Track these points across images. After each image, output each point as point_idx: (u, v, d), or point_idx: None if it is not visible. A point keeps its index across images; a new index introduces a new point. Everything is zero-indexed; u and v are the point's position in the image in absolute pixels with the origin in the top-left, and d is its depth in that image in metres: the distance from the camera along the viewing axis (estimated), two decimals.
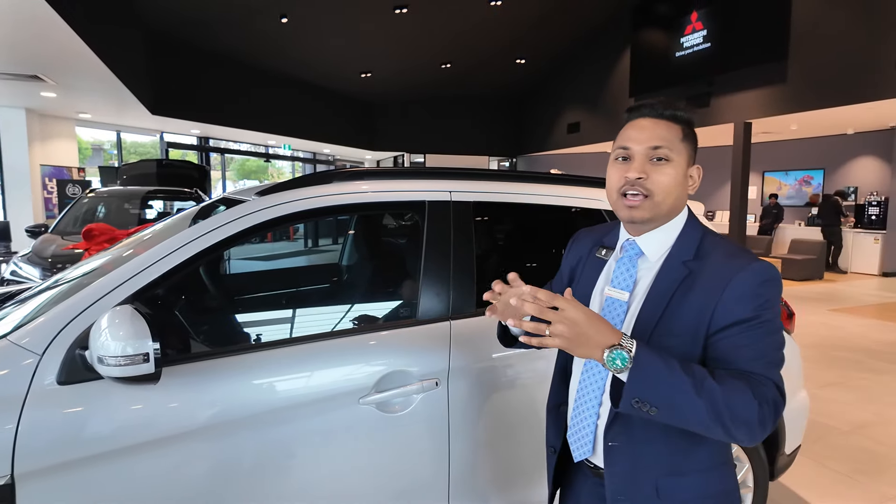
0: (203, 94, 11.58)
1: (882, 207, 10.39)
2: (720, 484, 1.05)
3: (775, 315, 0.97)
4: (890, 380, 4.44)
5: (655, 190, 1.01)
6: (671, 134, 1.03)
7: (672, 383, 0.88)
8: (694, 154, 1.07)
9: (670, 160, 1.02)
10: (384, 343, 1.61)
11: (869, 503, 2.63)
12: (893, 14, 7.28)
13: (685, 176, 1.05)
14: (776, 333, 0.97)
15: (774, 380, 0.94)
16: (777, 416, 0.92)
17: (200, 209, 2.18)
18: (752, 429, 0.90)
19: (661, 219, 1.05)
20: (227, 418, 1.39)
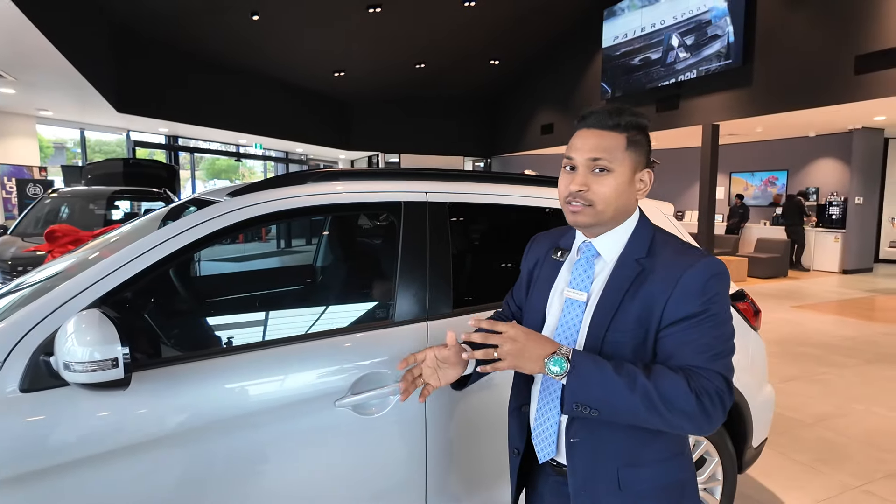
0: (172, 92, 11.32)
1: (842, 207, 10.79)
2: (677, 473, 1.09)
3: (723, 308, 1.02)
4: (849, 374, 4.62)
5: (596, 200, 1.06)
6: (613, 144, 1.05)
7: (606, 385, 0.95)
8: (643, 159, 1.09)
9: (611, 170, 1.05)
10: (360, 345, 1.60)
11: (831, 492, 2.73)
12: (851, 21, 7.56)
13: (629, 183, 1.07)
14: (723, 326, 1.01)
15: (719, 370, 0.98)
16: (723, 405, 0.96)
17: (170, 210, 2.14)
18: (696, 420, 0.95)
19: (607, 223, 1.09)
20: (199, 424, 1.36)
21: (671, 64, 10.16)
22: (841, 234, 10.66)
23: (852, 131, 10.66)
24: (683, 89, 10.09)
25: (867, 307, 7.51)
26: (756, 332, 2.32)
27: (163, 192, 6.97)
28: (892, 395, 4.11)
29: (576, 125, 1.12)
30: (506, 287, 2.01)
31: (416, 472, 1.63)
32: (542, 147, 14.28)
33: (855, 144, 10.63)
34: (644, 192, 1.11)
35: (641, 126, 1.09)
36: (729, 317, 1.03)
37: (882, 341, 5.66)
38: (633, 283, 1.04)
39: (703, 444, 2.10)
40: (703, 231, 9.83)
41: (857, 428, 3.51)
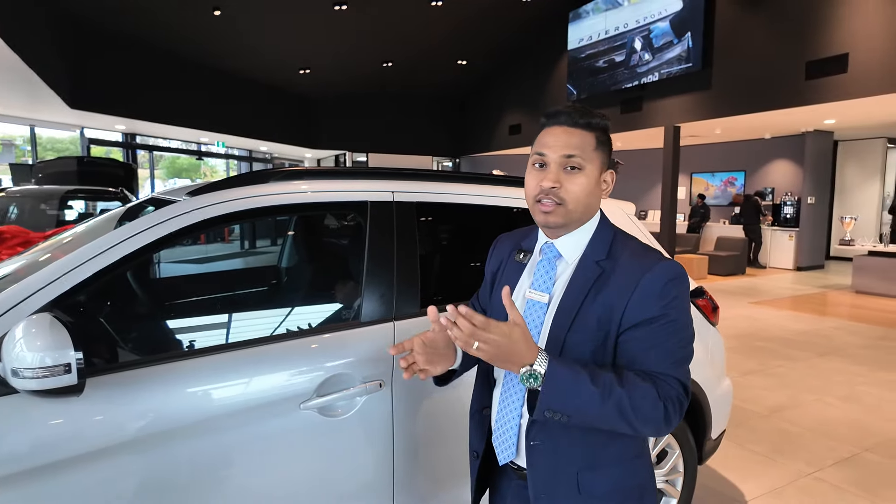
0: (129, 88, 10.94)
1: (795, 207, 11.24)
2: (635, 477, 1.10)
3: (682, 312, 1.02)
4: (802, 366, 4.81)
5: (568, 198, 1.06)
6: (585, 142, 1.06)
7: (582, 395, 0.94)
8: (608, 159, 1.11)
9: (583, 169, 1.06)
10: (326, 346, 1.58)
11: (786, 480, 2.84)
12: (802, 28, 7.89)
13: (597, 183, 1.09)
14: (683, 331, 1.02)
15: (679, 377, 1.00)
16: (681, 411, 0.99)
17: (128, 210, 2.07)
18: (658, 426, 0.98)
19: (574, 223, 1.09)
20: (160, 429, 1.32)
21: (634, 66, 10.39)
22: (795, 232, 11.11)
23: (804, 134, 11.11)
24: (646, 92, 10.34)
25: (819, 302, 7.85)
26: (714, 327, 2.39)
27: (120, 192, 6.74)
28: (841, 386, 4.31)
29: (543, 123, 1.12)
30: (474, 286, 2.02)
31: (383, 472, 1.62)
32: (511, 147, 14.41)
33: (807, 146, 11.09)
34: (607, 193, 1.12)
35: (606, 128, 1.10)
36: (689, 321, 1.04)
37: (832, 335, 5.93)
38: (594, 285, 1.05)
39: (665, 437, 2.16)
40: (666, 230, 10.09)
41: (810, 418, 3.66)
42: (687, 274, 1.06)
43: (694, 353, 1.05)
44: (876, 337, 5.85)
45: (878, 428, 3.51)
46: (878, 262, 8.42)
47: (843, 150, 12.27)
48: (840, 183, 12.31)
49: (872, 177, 11.90)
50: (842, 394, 4.12)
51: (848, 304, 7.71)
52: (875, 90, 7.11)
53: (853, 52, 7.29)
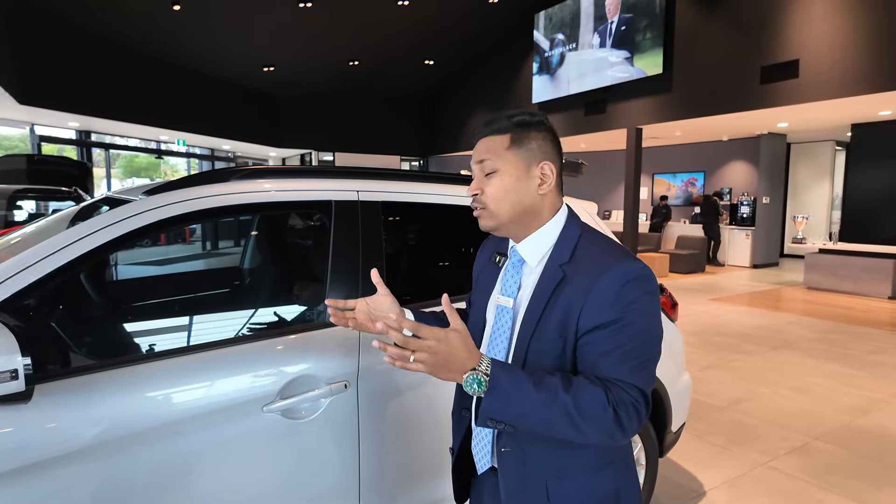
0: (84, 84, 10.52)
1: (751, 207, 11.66)
2: (609, 483, 1.06)
3: (641, 315, 0.98)
4: (758, 360, 5.00)
5: (487, 201, 1.07)
6: (494, 145, 1.08)
7: (525, 402, 0.91)
8: (539, 153, 1.07)
9: (496, 170, 1.07)
10: (290, 347, 1.56)
11: (742, 470, 2.95)
12: (757, 35, 8.19)
13: (518, 180, 1.06)
14: (643, 334, 0.98)
15: (636, 383, 0.96)
16: (638, 417, 0.95)
17: (80, 210, 1.99)
18: (610, 432, 0.94)
19: (512, 223, 1.08)
20: (116, 435, 1.28)
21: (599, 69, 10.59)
22: (751, 231, 11.52)
23: (760, 136, 11.54)
24: (610, 94, 10.55)
25: (774, 298, 8.16)
26: (674, 323, 2.46)
27: (73, 192, 6.48)
28: (794, 378, 4.49)
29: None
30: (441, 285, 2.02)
31: (348, 474, 1.61)
32: None
33: (762, 148, 11.52)
34: (547, 186, 1.08)
35: (524, 123, 1.08)
36: (651, 325, 0.99)
37: (786, 329, 6.17)
38: (555, 290, 1.03)
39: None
40: (629, 229, 10.33)
41: (765, 409, 3.80)
42: (651, 275, 1.00)
43: (658, 357, 1.01)
44: (826, 331, 6.12)
45: (827, 417, 3.68)
46: (828, 260, 8.81)
47: (795, 153, 12.79)
48: (793, 183, 12.83)
49: (822, 178, 12.44)
50: (794, 385, 4.30)
51: (800, 300, 8.05)
52: (824, 95, 7.44)
53: (804, 58, 7.61)
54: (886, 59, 6.79)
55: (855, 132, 9.57)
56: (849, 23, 7.14)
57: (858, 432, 3.44)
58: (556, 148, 1.10)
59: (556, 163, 1.09)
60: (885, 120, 9.05)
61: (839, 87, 7.28)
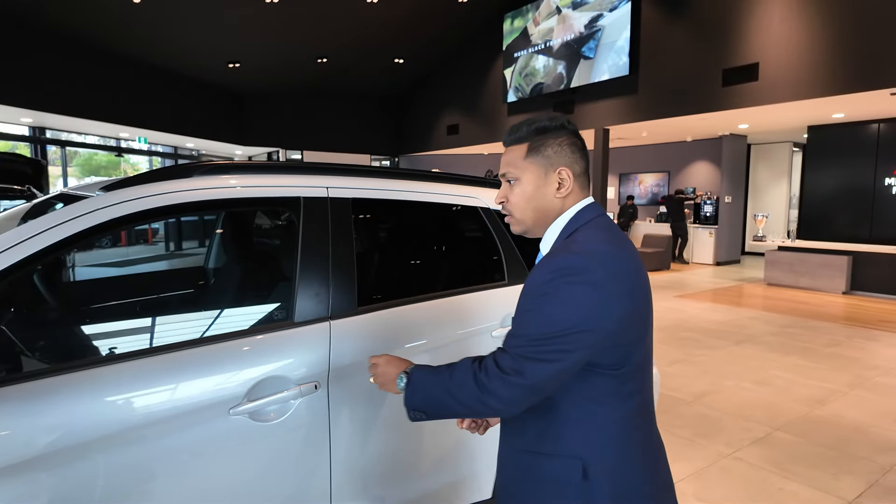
0: (37, 78, 10.08)
1: (715, 206, 11.99)
2: (555, 473, 1.06)
3: (549, 300, 1.00)
4: (722, 354, 5.14)
5: (513, 209, 1.17)
6: (514, 156, 1.16)
7: (425, 387, 1.10)
8: (556, 159, 1.12)
9: (518, 179, 1.15)
10: (258, 348, 1.52)
11: (708, 461, 3.02)
12: (719, 38, 8.42)
13: (537, 187, 1.13)
14: (543, 322, 1.00)
15: (503, 346, 1.05)
16: (489, 377, 1.01)
17: (32, 207, 1.90)
18: (474, 393, 1.03)
19: (537, 226, 1.16)
20: (73, 442, 1.22)
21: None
22: (714, 229, 11.85)
23: (721, 137, 11.88)
24: (577, 95, 10.69)
25: (736, 294, 8.41)
26: None
27: (27, 190, 6.20)
28: (756, 371, 4.63)
29: None
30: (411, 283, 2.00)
31: (319, 478, 1.58)
32: (449, 147, 14.48)
33: (724, 149, 11.86)
34: (566, 190, 1.12)
35: (542, 129, 1.14)
36: (552, 312, 0.99)
37: (747, 324, 6.36)
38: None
39: None
40: None
41: (729, 402, 3.91)
42: (577, 266, 1.00)
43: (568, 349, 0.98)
44: (785, 325, 6.33)
45: (788, 408, 3.80)
46: (787, 256, 9.13)
47: (755, 153, 13.22)
48: (753, 183, 13.25)
49: (781, 178, 12.89)
50: (756, 378, 4.43)
51: (761, 296, 8.32)
52: (782, 97, 7.70)
53: (763, 61, 7.86)
54: (840, 64, 7.07)
55: (811, 134, 9.95)
56: (805, 28, 7.41)
57: (817, 422, 3.57)
58: (575, 151, 1.14)
59: (575, 166, 1.14)
60: (839, 122, 9.43)
61: (796, 90, 7.54)
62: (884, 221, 9.06)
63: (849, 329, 6.18)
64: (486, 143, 13.22)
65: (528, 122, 1.15)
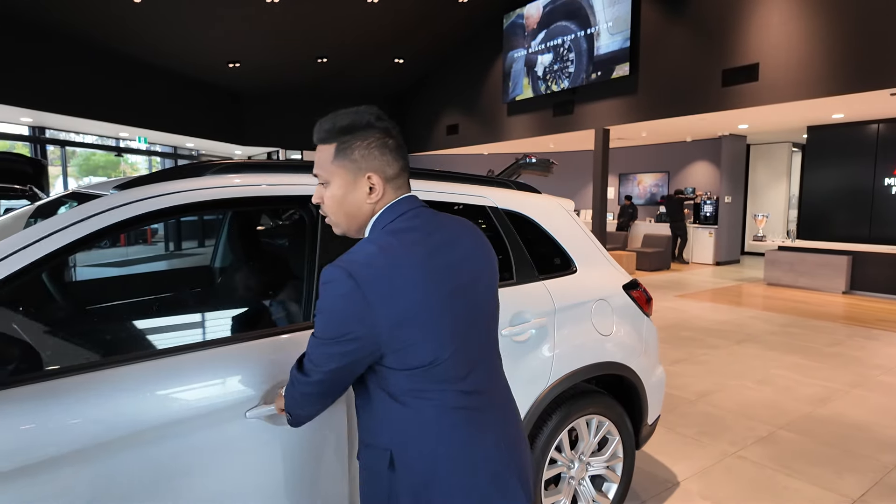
0: (37, 78, 10.07)
1: (714, 206, 12.01)
2: (370, 461, 1.15)
3: (318, 311, 1.05)
4: (723, 353, 5.15)
5: (327, 211, 1.14)
6: (322, 157, 1.11)
7: (286, 390, 1.18)
8: (365, 162, 1.08)
9: (329, 182, 1.11)
10: (276, 349, 1.49)
11: (712, 460, 3.03)
12: (719, 38, 8.44)
13: (347, 191, 1.09)
14: (316, 319, 1.07)
15: (302, 355, 1.13)
16: (294, 374, 1.13)
17: (39, 207, 1.90)
18: (292, 389, 1.15)
19: (354, 230, 1.15)
20: (81, 445, 1.20)
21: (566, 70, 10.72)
22: (714, 229, 11.87)
23: (721, 137, 11.90)
24: (577, 95, 10.70)
25: (736, 294, 8.43)
26: (649, 318, 2.51)
27: (28, 190, 6.19)
28: (758, 370, 4.64)
29: None
30: None
31: (338, 482, 1.55)
32: (449, 147, 14.49)
33: (723, 149, 11.88)
34: (377, 195, 1.09)
35: (346, 129, 1.07)
36: (321, 319, 1.05)
37: (748, 324, 6.38)
38: None
39: (606, 424, 2.24)
40: (596, 228, 10.50)
41: (732, 401, 3.92)
42: (336, 278, 1.02)
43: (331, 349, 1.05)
44: (785, 324, 6.35)
45: (790, 407, 3.81)
46: (787, 256, 9.15)
47: (754, 154, 13.25)
48: (752, 183, 13.28)
49: (780, 178, 12.92)
50: (758, 377, 4.44)
51: (761, 295, 8.33)
52: (782, 98, 7.72)
53: (763, 62, 7.88)
54: (840, 64, 7.09)
55: (811, 134, 9.97)
56: (805, 29, 7.43)
57: (820, 421, 3.58)
58: (386, 153, 1.09)
59: (388, 169, 1.09)
60: (839, 123, 9.45)
61: (796, 91, 7.56)
62: (883, 221, 9.08)
63: (849, 328, 6.20)
64: (486, 142, 13.22)
65: (333, 119, 1.09)
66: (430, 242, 1.08)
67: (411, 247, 1.05)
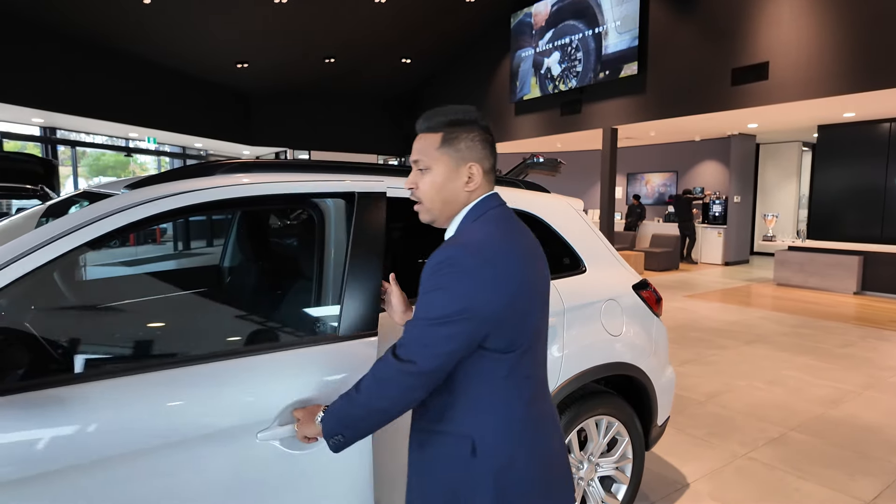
0: (48, 79, 10.16)
1: (723, 205, 11.93)
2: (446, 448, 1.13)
3: (431, 290, 1.06)
4: (733, 354, 5.11)
5: (422, 197, 1.18)
6: (427, 144, 1.16)
7: (341, 407, 1.13)
8: (468, 153, 1.15)
9: (429, 168, 1.16)
10: (293, 364, 1.37)
11: (722, 461, 3.00)
12: (728, 37, 8.37)
13: (448, 179, 1.15)
14: (427, 307, 1.06)
15: (393, 348, 1.09)
16: (387, 366, 1.07)
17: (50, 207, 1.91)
18: (380, 389, 1.08)
19: (443, 216, 1.18)
20: (69, 464, 1.11)
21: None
22: (723, 229, 11.79)
23: (730, 137, 11.81)
24: (585, 95, 10.66)
25: (745, 294, 8.36)
26: (658, 318, 2.49)
27: (39, 190, 6.25)
28: (767, 371, 4.60)
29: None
30: None
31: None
32: None
33: (732, 149, 11.79)
34: (474, 184, 1.16)
35: (456, 122, 1.16)
36: (442, 299, 1.05)
37: (757, 324, 6.33)
38: None
39: (615, 425, 2.23)
40: (604, 228, 10.45)
41: (742, 402, 3.89)
42: (458, 257, 1.06)
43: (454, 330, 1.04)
44: (795, 325, 6.29)
45: (801, 408, 3.78)
46: (797, 256, 9.07)
47: (763, 153, 13.14)
48: (762, 183, 13.18)
49: (790, 177, 12.81)
50: (768, 378, 4.40)
51: (770, 296, 8.27)
52: (792, 97, 7.65)
53: (773, 60, 7.81)
54: (851, 63, 7.02)
55: (821, 133, 9.87)
56: (815, 27, 7.36)
57: (832, 422, 3.54)
58: (485, 147, 1.18)
59: (485, 162, 1.17)
60: (850, 122, 9.36)
61: (806, 89, 7.49)
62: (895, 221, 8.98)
63: (861, 329, 6.13)
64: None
65: (442, 112, 1.17)
66: (522, 237, 1.16)
67: (511, 235, 1.13)
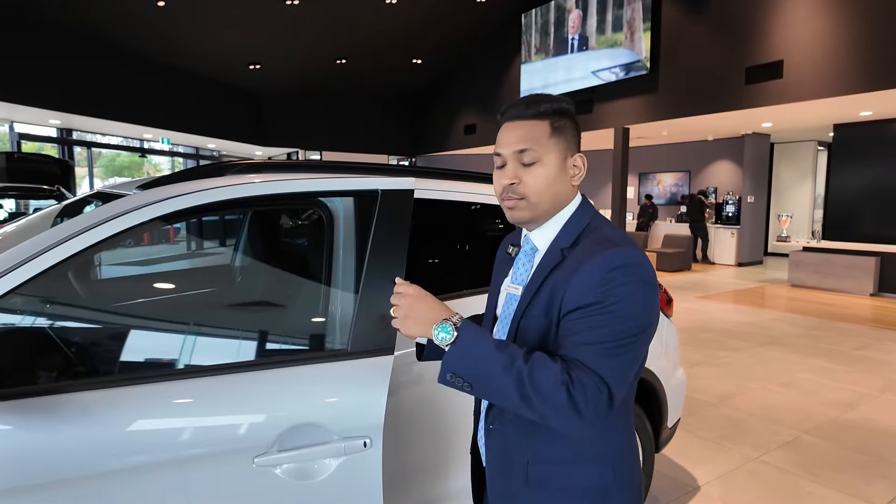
0: (65, 80, 10.31)
1: (737, 206, 11.80)
2: (590, 480, 1.02)
3: (624, 302, 0.92)
4: (746, 356, 5.05)
5: (528, 192, 1.02)
6: (536, 132, 1.02)
7: (484, 360, 0.90)
8: (573, 143, 1.06)
9: (539, 160, 1.02)
10: (293, 382, 1.27)
11: (734, 464, 2.97)
12: (742, 36, 8.28)
13: (560, 171, 1.03)
14: (621, 323, 0.92)
15: (596, 369, 0.89)
16: (596, 405, 0.87)
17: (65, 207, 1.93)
18: (563, 412, 0.87)
19: (544, 214, 1.05)
20: (34, 483, 1.03)
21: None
22: (736, 230, 11.66)
23: (744, 136, 11.68)
24: (597, 94, 10.60)
25: (759, 296, 8.26)
26: (669, 319, 2.47)
27: (56, 190, 6.35)
28: (781, 373, 4.54)
29: (498, 120, 1.10)
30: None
31: None
32: (466, 147, 14.47)
33: (746, 148, 11.66)
34: (579, 178, 1.07)
35: (563, 111, 1.05)
36: (634, 313, 0.93)
37: (771, 325, 6.25)
38: (551, 272, 1.01)
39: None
40: None
41: (755, 404, 3.84)
42: (643, 263, 0.96)
43: (639, 353, 0.95)
44: (810, 327, 6.21)
45: (816, 411, 3.72)
46: (812, 257, 8.95)
47: (778, 152, 12.98)
48: (776, 183, 13.01)
49: (805, 177, 12.64)
50: (782, 381, 4.35)
51: (785, 297, 8.16)
52: (807, 95, 7.54)
53: (788, 59, 7.71)
54: (867, 60, 6.91)
55: (837, 132, 9.73)
56: (831, 24, 7.25)
57: (847, 426, 3.49)
58: (579, 140, 1.10)
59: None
60: (867, 120, 9.21)
61: (822, 88, 7.39)
62: None
63: (878, 332, 6.03)
64: None
65: (544, 99, 1.04)
66: None
67: None
